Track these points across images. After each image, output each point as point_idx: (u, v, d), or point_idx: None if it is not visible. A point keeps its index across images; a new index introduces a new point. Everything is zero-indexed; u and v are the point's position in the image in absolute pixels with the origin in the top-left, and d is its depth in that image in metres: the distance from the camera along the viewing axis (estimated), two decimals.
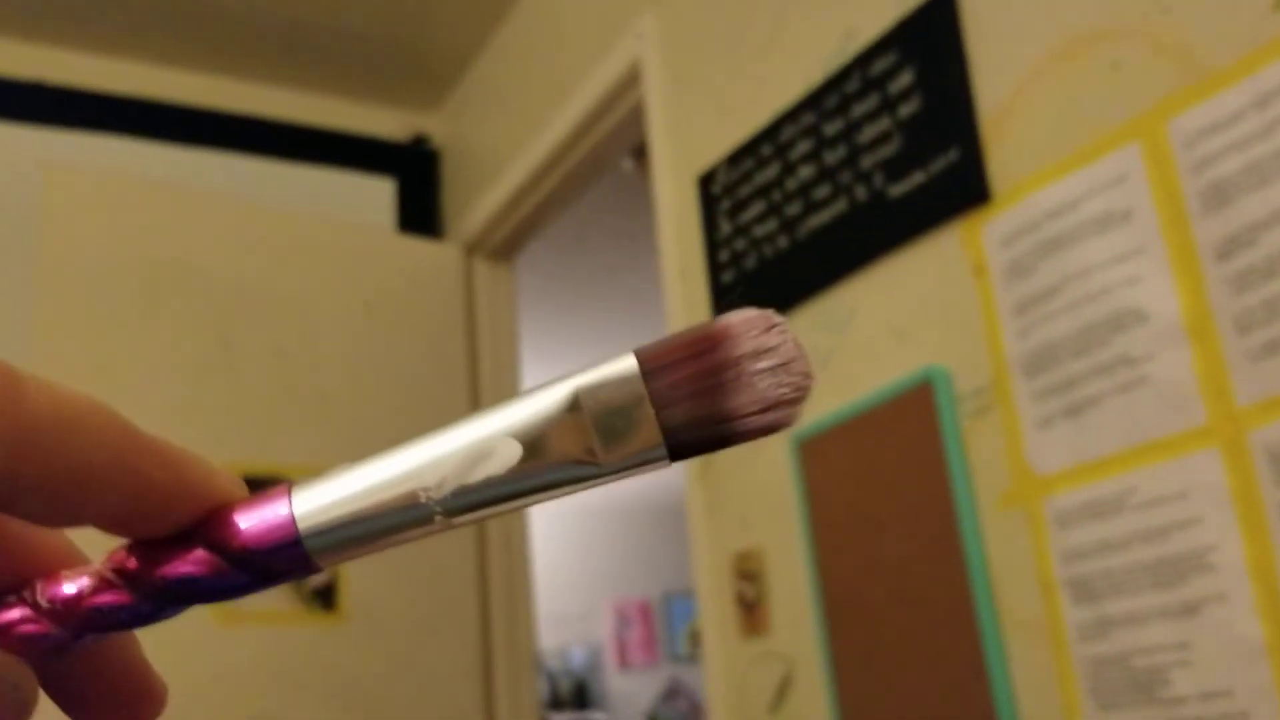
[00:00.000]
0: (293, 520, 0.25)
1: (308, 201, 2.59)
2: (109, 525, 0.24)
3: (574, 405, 0.25)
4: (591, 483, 0.25)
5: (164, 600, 0.25)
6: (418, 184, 2.79)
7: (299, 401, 2.28)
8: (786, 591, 1.54)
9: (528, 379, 2.80)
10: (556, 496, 0.26)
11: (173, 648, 2.00)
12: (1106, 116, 1.16)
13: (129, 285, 2.14)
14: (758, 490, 1.61)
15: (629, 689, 7.24)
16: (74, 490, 0.23)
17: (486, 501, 0.25)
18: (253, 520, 0.25)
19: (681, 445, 0.25)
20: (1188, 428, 1.06)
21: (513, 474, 0.25)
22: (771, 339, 0.26)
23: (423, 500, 0.25)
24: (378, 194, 2.74)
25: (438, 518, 0.25)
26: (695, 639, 7.10)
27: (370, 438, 2.33)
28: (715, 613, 1.68)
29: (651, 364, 0.25)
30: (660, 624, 7.37)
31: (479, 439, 0.25)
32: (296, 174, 2.66)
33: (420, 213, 2.76)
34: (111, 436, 0.23)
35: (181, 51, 2.60)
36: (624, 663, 7.25)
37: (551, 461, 0.25)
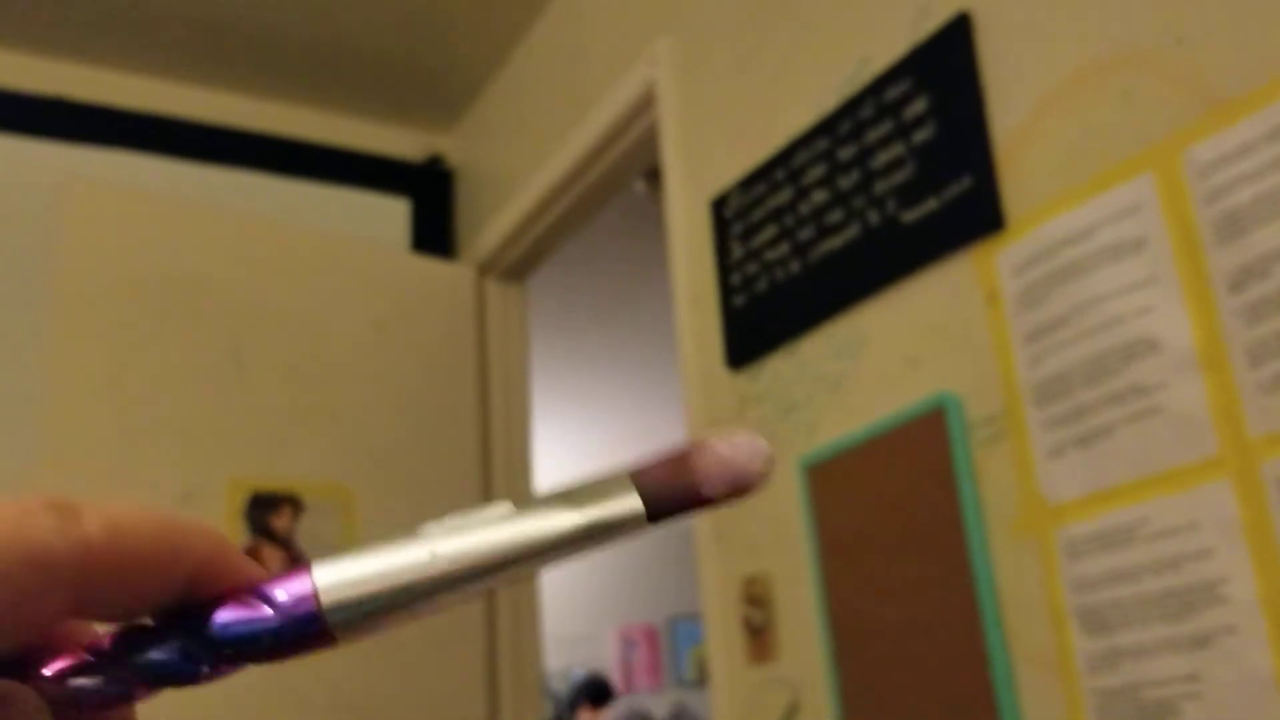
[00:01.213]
0: (315, 594, 0.27)
1: (323, 220, 2.60)
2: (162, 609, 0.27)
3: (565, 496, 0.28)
4: (578, 546, 0.28)
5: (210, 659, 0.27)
6: (432, 204, 2.80)
7: (310, 418, 2.28)
8: (794, 617, 1.54)
9: (537, 400, 2.80)
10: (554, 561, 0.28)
11: None
12: (1120, 146, 1.16)
13: (144, 300, 2.15)
14: (766, 515, 1.60)
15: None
16: (141, 585, 0.26)
17: (491, 565, 0.28)
18: (280, 591, 0.27)
19: (650, 497, 0.28)
20: (1199, 458, 1.05)
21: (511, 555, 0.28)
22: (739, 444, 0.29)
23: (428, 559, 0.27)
24: (392, 213, 2.76)
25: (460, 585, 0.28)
26: (701, 664, 7.07)
27: (381, 456, 2.34)
28: (722, 637, 1.68)
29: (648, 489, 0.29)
30: (666, 648, 7.33)
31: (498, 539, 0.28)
32: (312, 192, 2.67)
33: (434, 233, 2.77)
34: (162, 531, 0.26)
35: (200, 70, 2.62)
36: (629, 687, 7.22)
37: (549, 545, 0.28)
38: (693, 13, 1.93)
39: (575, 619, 7.00)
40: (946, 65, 1.37)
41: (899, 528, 1.37)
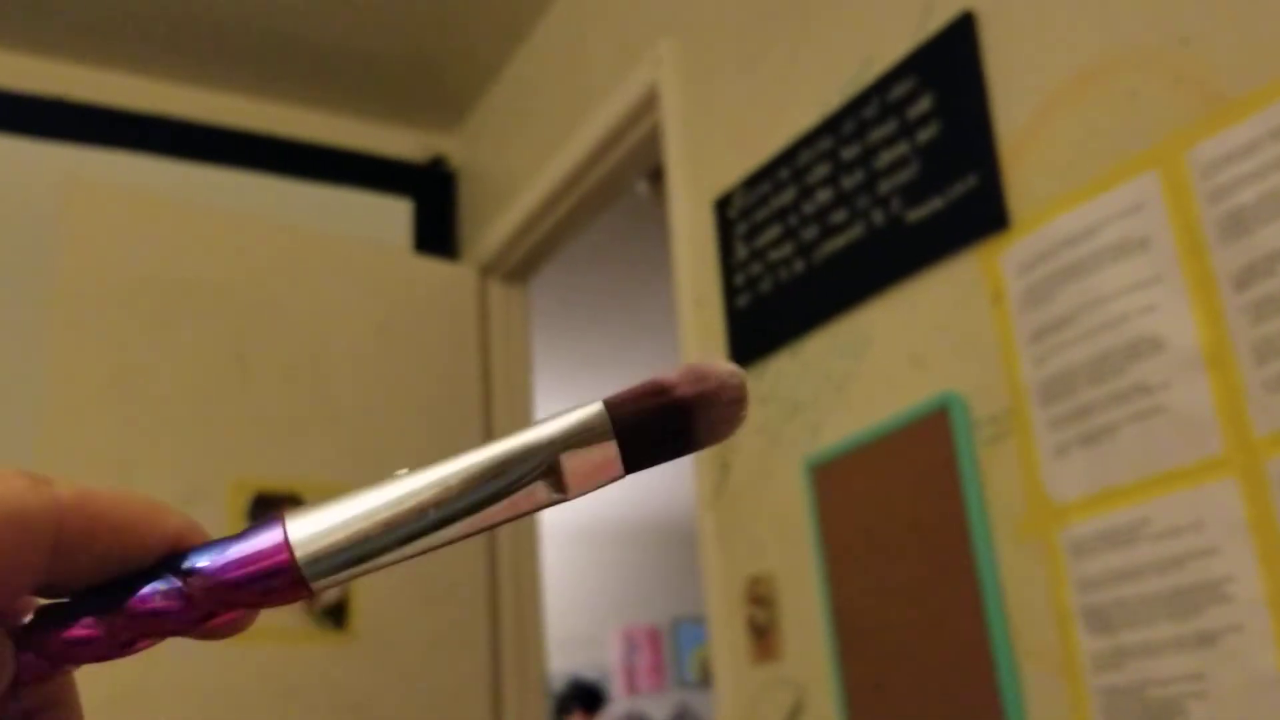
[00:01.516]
0: (287, 544, 0.27)
1: (326, 221, 2.60)
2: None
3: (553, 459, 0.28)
4: (548, 482, 0.28)
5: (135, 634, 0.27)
6: (435, 205, 2.81)
7: (313, 419, 2.29)
8: (798, 617, 1.54)
9: (540, 401, 2.80)
10: (524, 514, 0.28)
11: (183, 665, 2.00)
12: (1125, 145, 1.16)
13: (146, 301, 2.15)
14: (770, 515, 1.60)
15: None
16: (117, 550, 0.26)
17: (468, 506, 0.28)
18: (247, 548, 0.27)
19: (627, 428, 0.28)
20: (1205, 457, 1.05)
21: (480, 485, 0.28)
22: (718, 378, 0.29)
23: (409, 506, 0.27)
24: (395, 214, 2.76)
25: (430, 511, 0.28)
26: (704, 665, 7.06)
27: (383, 456, 2.33)
28: (726, 638, 1.68)
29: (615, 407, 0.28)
30: (669, 649, 7.33)
31: (457, 468, 0.28)
32: (315, 193, 2.67)
33: (437, 233, 2.77)
34: (134, 502, 0.27)
35: (203, 71, 2.62)
36: (632, 688, 7.22)
37: (512, 469, 0.28)
38: (696, 13, 1.93)
39: (578, 620, 7.00)
40: (951, 64, 1.37)
41: (904, 527, 1.37)
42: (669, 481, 5.19)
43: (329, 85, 2.72)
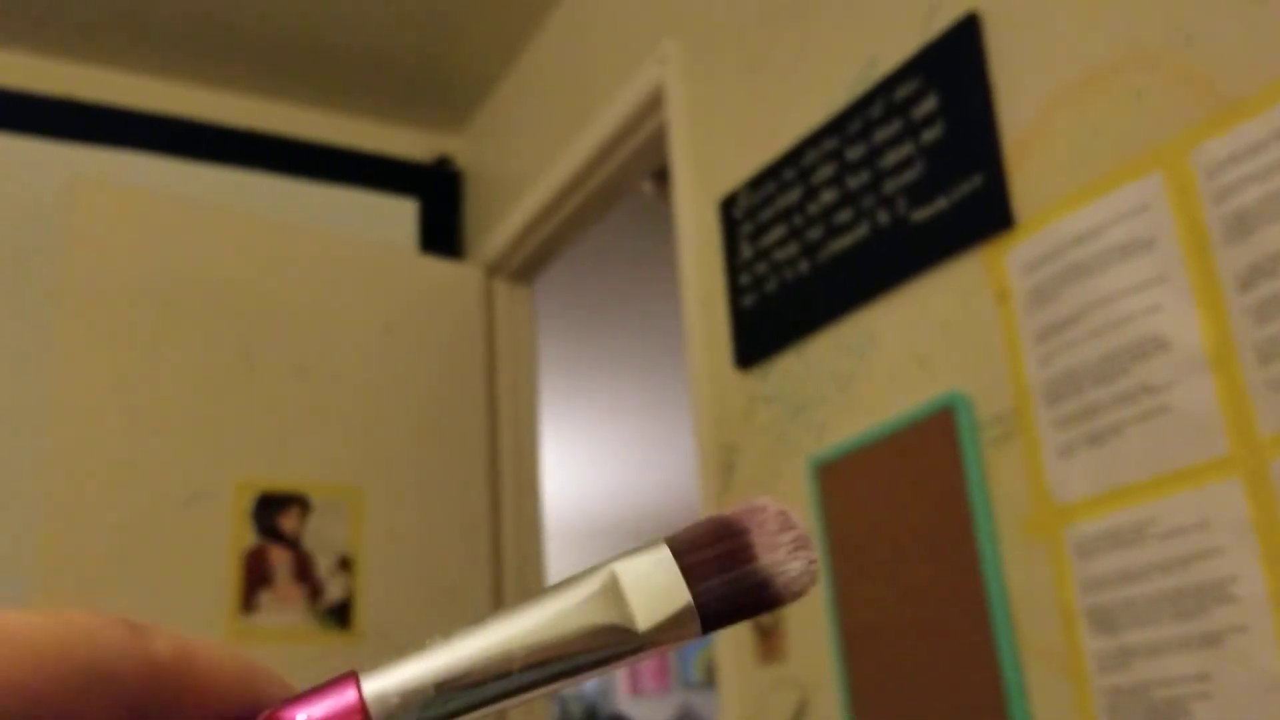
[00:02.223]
0: (362, 705, 0.26)
1: (332, 221, 2.61)
2: None
3: (613, 584, 0.27)
4: (631, 659, 0.28)
5: None
6: (440, 205, 2.81)
7: (319, 418, 2.29)
8: (803, 617, 1.54)
9: (545, 400, 2.81)
10: (601, 674, 0.28)
11: None
12: (1129, 145, 1.16)
13: (152, 300, 2.16)
14: None
15: (640, 715, 7.20)
16: (200, 715, 0.26)
17: (540, 681, 0.27)
18: (324, 709, 0.27)
19: (712, 610, 0.28)
20: (1209, 457, 1.05)
21: (560, 655, 0.27)
22: (786, 520, 0.29)
23: (486, 677, 0.27)
24: (401, 214, 2.76)
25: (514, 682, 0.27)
26: (708, 666, 7.06)
27: (389, 456, 2.34)
28: (731, 637, 1.68)
29: (681, 544, 0.28)
30: (673, 650, 7.33)
31: (536, 624, 0.27)
32: (321, 193, 2.68)
33: (442, 233, 2.78)
34: (232, 667, 0.27)
35: (209, 70, 2.63)
36: (635, 688, 7.22)
37: (596, 644, 0.27)
38: (701, 13, 1.93)
39: None
40: (956, 65, 1.38)
41: (909, 527, 1.37)
42: (674, 481, 5.19)
43: (335, 86, 2.72)
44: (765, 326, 1.66)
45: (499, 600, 2.46)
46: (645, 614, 0.27)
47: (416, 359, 2.46)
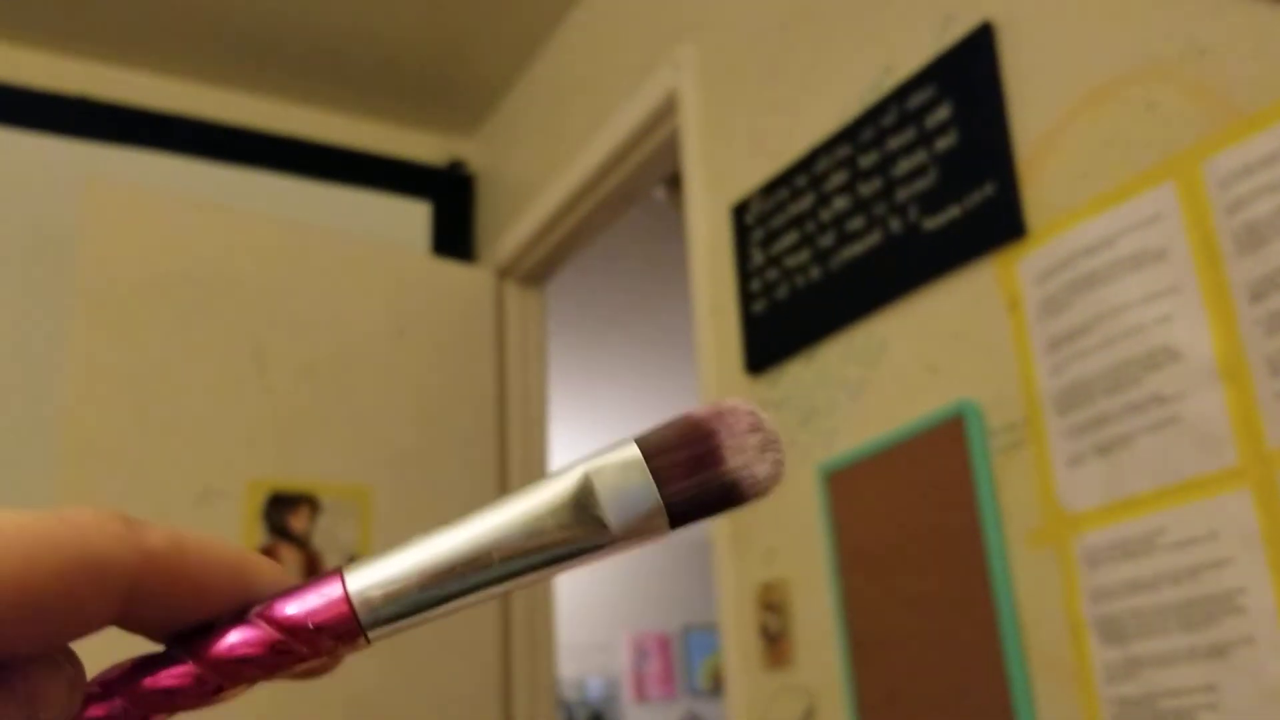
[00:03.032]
0: (346, 595, 0.28)
1: (345, 222, 2.62)
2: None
3: (585, 485, 0.28)
4: (602, 553, 0.29)
5: (225, 680, 0.28)
6: (453, 208, 2.82)
7: (329, 419, 2.30)
8: (811, 624, 1.54)
9: (555, 404, 2.81)
10: (571, 568, 0.29)
11: None
12: (1142, 156, 1.16)
13: (165, 299, 2.17)
14: (784, 521, 1.61)
15: None
16: (193, 604, 0.27)
17: (515, 572, 0.28)
18: (311, 602, 0.28)
19: (679, 511, 0.29)
20: (1219, 468, 1.05)
21: (536, 547, 0.28)
22: (754, 421, 0.29)
23: (462, 569, 0.28)
24: (414, 217, 2.77)
25: (495, 567, 0.28)
26: (713, 674, 7.05)
27: (398, 457, 2.35)
28: (738, 643, 1.68)
29: (651, 447, 0.29)
30: (679, 657, 7.33)
31: (509, 518, 0.28)
32: (335, 195, 2.69)
33: (455, 236, 2.78)
34: (224, 557, 0.27)
35: (225, 71, 2.64)
36: (641, 695, 7.21)
37: (567, 537, 0.28)
38: (716, 19, 1.93)
39: (589, 627, 7.00)
40: (969, 74, 1.38)
41: (917, 535, 1.37)
42: None
43: (351, 89, 2.73)
44: (776, 333, 1.66)
45: (506, 604, 2.47)
46: (616, 513, 0.28)
47: (427, 361, 2.47)
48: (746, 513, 1.69)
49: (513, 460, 2.56)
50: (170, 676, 0.27)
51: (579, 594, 6.76)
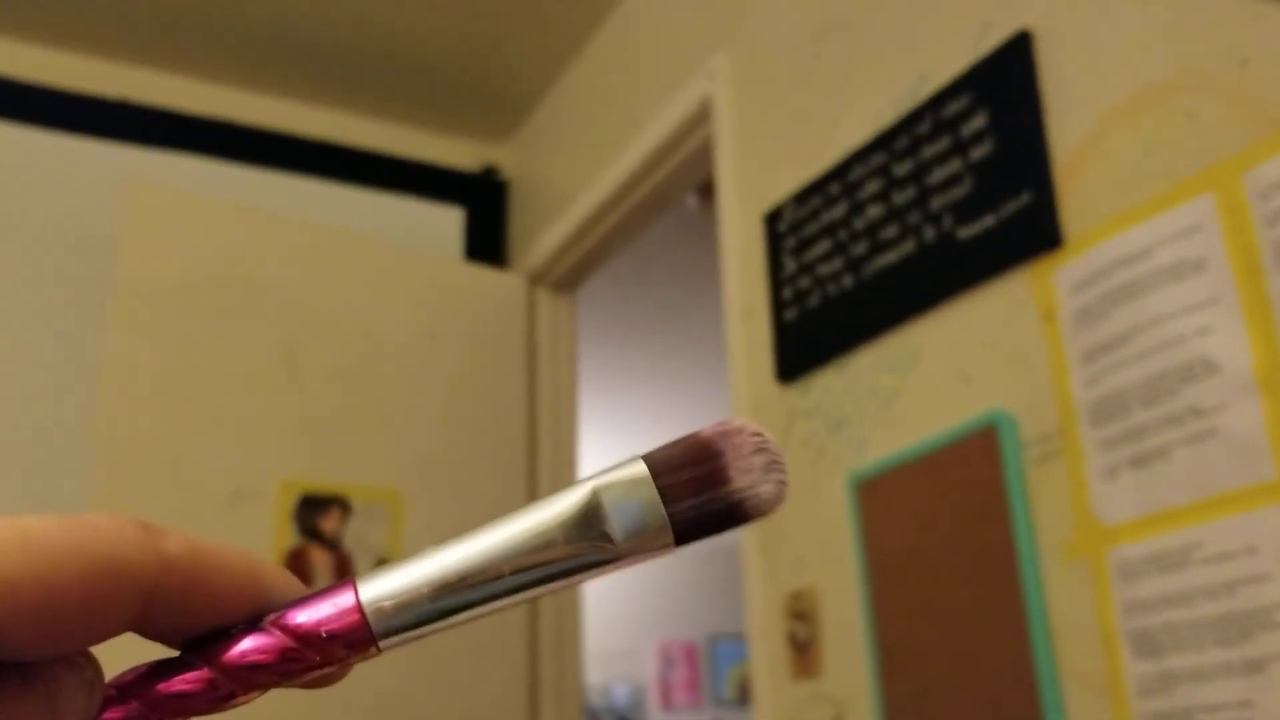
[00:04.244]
0: (358, 604, 0.28)
1: (379, 227, 2.63)
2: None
3: (593, 501, 0.29)
4: (608, 568, 0.29)
5: (239, 687, 0.28)
6: (486, 214, 2.83)
7: (361, 422, 2.31)
8: (839, 633, 1.53)
9: (585, 410, 2.82)
10: (578, 582, 0.30)
11: None
12: (1181, 166, 1.15)
13: (201, 302, 2.19)
14: (814, 530, 1.60)
15: None
16: (208, 611, 0.27)
17: (525, 585, 0.29)
18: (324, 611, 0.28)
19: (684, 529, 0.29)
20: (1257, 482, 1.04)
21: (545, 560, 0.29)
22: (760, 442, 0.30)
23: (472, 582, 0.29)
24: (447, 222, 2.78)
25: (502, 589, 0.29)
26: (740, 684, 7.03)
27: (429, 460, 2.35)
28: (766, 652, 1.67)
29: (658, 465, 0.29)
30: (705, 666, 7.31)
31: (518, 532, 0.29)
32: (369, 199, 2.70)
33: (487, 242, 2.80)
34: (240, 566, 0.28)
35: (263, 77, 2.66)
36: (667, 703, 7.20)
37: (575, 551, 0.29)
38: (750, 27, 1.93)
39: (615, 634, 7.00)
40: (1006, 82, 1.37)
41: (949, 546, 1.37)
42: None
43: (386, 95, 2.75)
44: (807, 340, 1.65)
45: (534, 609, 2.47)
46: (623, 528, 0.29)
47: (458, 365, 2.48)
48: (776, 521, 1.68)
49: (542, 465, 2.57)
50: (184, 682, 0.27)
51: (606, 601, 6.75)
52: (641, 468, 0.29)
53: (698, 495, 0.29)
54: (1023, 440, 1.29)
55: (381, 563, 2.24)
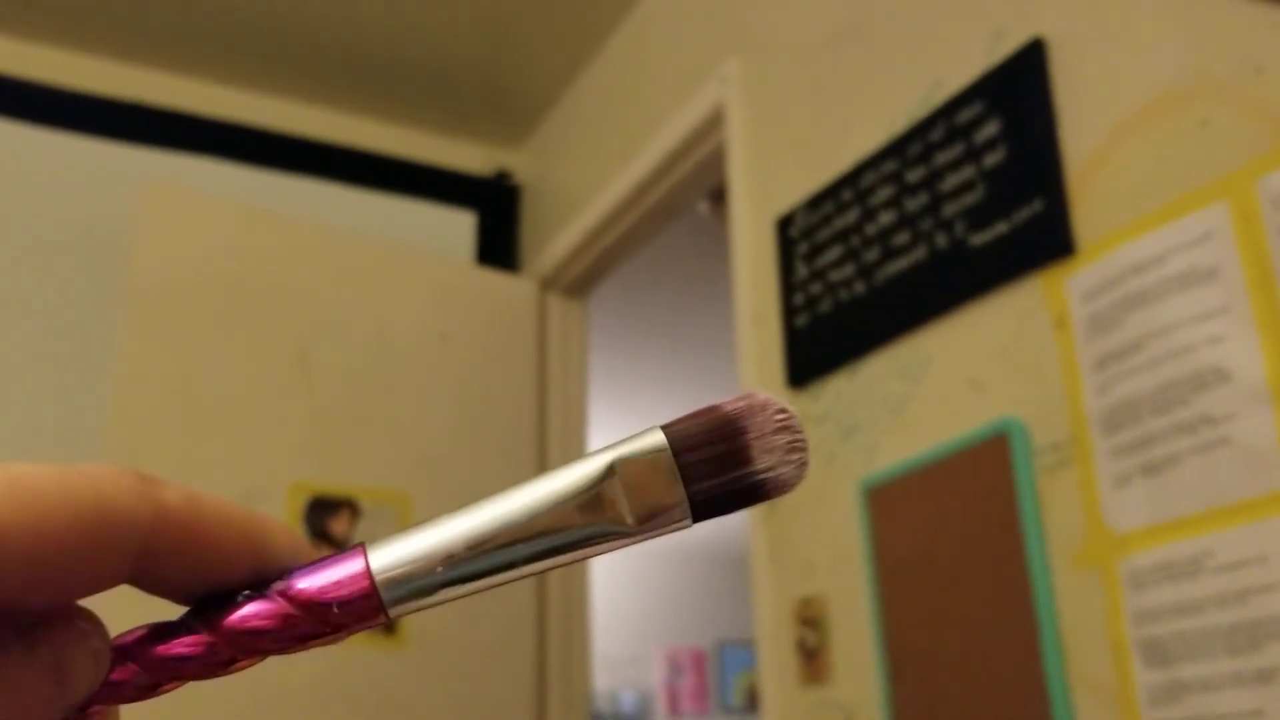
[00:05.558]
0: (368, 572, 0.28)
1: (391, 230, 2.64)
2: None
3: (610, 473, 0.28)
4: (622, 542, 0.29)
5: (240, 650, 0.28)
6: (498, 218, 2.84)
7: (372, 424, 2.31)
8: (848, 640, 1.53)
9: (595, 416, 2.82)
10: (592, 555, 0.29)
11: None
12: (1194, 174, 1.15)
13: (214, 303, 2.19)
14: (824, 536, 1.60)
15: None
16: (207, 563, 0.27)
17: (538, 554, 0.28)
18: (333, 578, 0.28)
19: (702, 507, 0.29)
20: (1269, 491, 1.04)
21: (559, 529, 0.28)
22: (784, 421, 0.29)
23: (479, 551, 0.28)
24: (459, 226, 2.79)
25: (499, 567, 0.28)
26: (747, 691, 7.02)
27: (439, 464, 2.36)
28: (775, 658, 1.67)
29: (679, 440, 0.28)
30: (713, 674, 7.30)
31: (533, 500, 0.28)
32: (382, 203, 2.71)
33: (499, 246, 2.80)
34: (240, 518, 0.27)
35: (277, 79, 2.67)
36: (674, 710, 7.19)
37: (590, 521, 0.28)
38: (764, 33, 1.93)
39: (623, 639, 6.99)
40: (1020, 90, 1.37)
41: (959, 553, 1.36)
42: None
43: (400, 99, 2.76)
44: (818, 347, 1.65)
45: (542, 614, 2.47)
46: (640, 503, 0.28)
47: (469, 369, 2.48)
48: (785, 526, 1.68)
49: (552, 469, 2.57)
50: (183, 645, 0.27)
51: (613, 607, 6.75)
52: (661, 440, 0.29)
53: (718, 475, 0.28)
54: (1034, 448, 1.28)
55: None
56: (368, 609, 0.27)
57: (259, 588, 0.28)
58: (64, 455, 2.21)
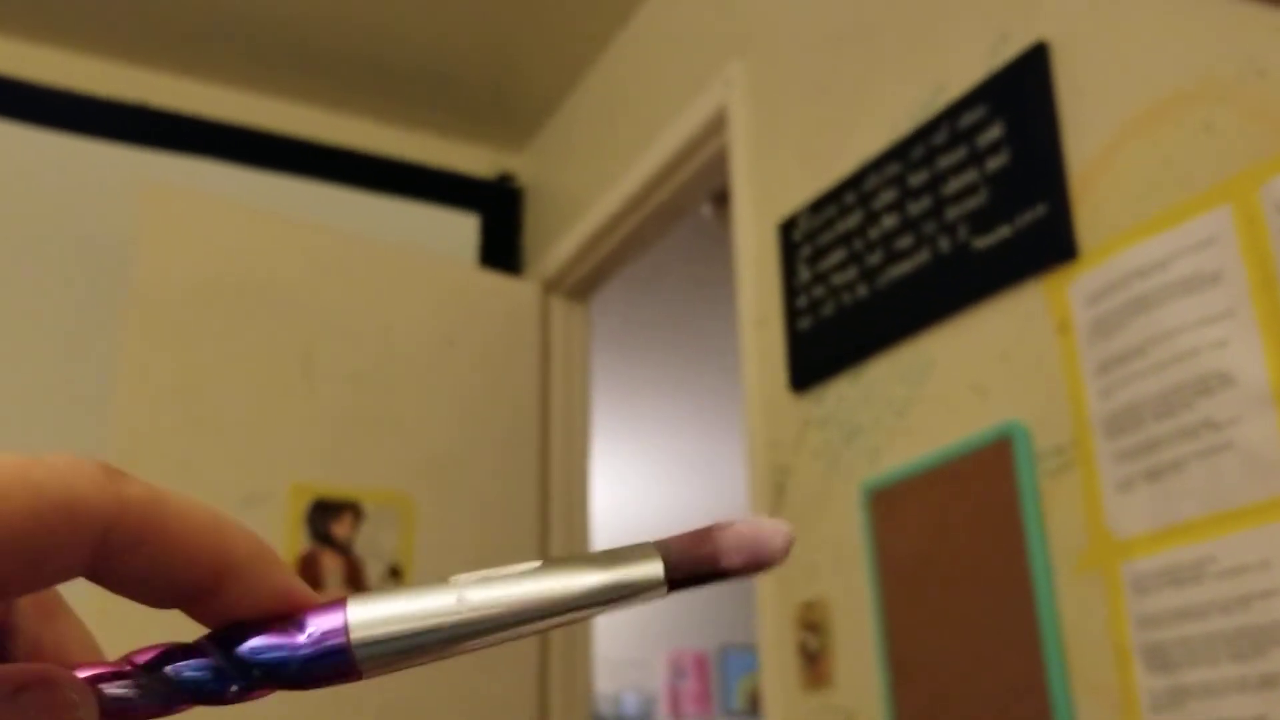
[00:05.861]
0: (346, 628, 0.28)
1: (395, 233, 2.64)
2: (188, 602, 0.27)
3: (603, 593, 0.29)
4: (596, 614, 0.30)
5: (240, 675, 0.28)
6: (501, 221, 2.84)
7: (374, 427, 2.31)
8: (851, 644, 1.53)
9: (598, 418, 2.82)
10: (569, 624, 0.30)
11: None
12: (1197, 178, 1.15)
13: (217, 305, 2.19)
14: (826, 540, 1.60)
15: None
16: (167, 559, 0.26)
17: (512, 635, 0.29)
18: (313, 625, 0.28)
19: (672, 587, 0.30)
20: (1272, 495, 1.03)
21: (538, 619, 0.29)
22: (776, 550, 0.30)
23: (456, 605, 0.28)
24: (462, 229, 2.79)
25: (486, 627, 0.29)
26: (750, 695, 7.01)
27: (441, 466, 2.36)
28: (777, 662, 1.67)
29: (674, 570, 0.29)
30: (716, 677, 7.29)
31: (522, 598, 0.29)
32: (386, 205, 2.71)
33: (502, 249, 2.80)
34: (203, 517, 0.27)
35: (281, 82, 2.67)
36: (677, 713, 7.18)
37: (570, 610, 0.29)
38: (767, 36, 1.93)
39: (625, 643, 6.98)
40: (1023, 93, 1.37)
41: (961, 557, 1.36)
42: (724, 503, 5.17)
43: (403, 102, 2.76)
44: (821, 350, 1.65)
45: None
46: (622, 604, 0.29)
47: (472, 371, 2.48)
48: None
49: (554, 472, 2.57)
50: (193, 668, 0.27)
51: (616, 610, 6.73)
52: (659, 573, 0.29)
53: (699, 578, 0.30)
54: (1037, 452, 1.28)
55: (393, 568, 2.24)
56: (339, 666, 0.28)
57: (278, 619, 0.28)
58: None
